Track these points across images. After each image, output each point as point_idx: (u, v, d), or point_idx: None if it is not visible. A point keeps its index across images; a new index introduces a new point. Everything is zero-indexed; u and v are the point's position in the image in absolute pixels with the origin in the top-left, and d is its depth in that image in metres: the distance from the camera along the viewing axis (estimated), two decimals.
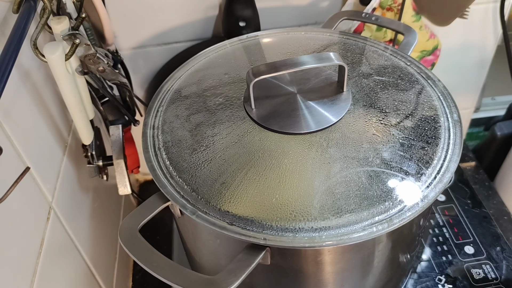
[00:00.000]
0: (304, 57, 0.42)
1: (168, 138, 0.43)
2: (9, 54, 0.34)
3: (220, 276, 0.35)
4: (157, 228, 0.74)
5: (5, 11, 0.39)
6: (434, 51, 0.71)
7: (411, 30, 0.53)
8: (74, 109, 0.46)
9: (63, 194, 0.47)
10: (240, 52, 0.53)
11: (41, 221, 0.42)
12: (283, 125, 0.42)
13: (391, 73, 0.48)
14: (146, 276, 0.69)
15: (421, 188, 0.38)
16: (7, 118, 0.38)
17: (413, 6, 0.66)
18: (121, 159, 0.48)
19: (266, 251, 0.36)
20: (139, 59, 0.68)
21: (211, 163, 0.40)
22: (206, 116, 0.44)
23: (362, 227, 0.36)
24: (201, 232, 0.43)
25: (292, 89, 0.45)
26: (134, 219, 0.38)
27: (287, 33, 0.55)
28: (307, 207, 0.37)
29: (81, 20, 0.44)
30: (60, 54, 0.41)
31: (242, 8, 0.64)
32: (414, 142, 0.41)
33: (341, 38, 0.53)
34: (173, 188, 0.39)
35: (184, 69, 0.51)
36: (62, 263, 0.46)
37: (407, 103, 0.44)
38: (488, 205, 0.74)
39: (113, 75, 0.47)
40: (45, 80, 0.47)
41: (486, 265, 0.65)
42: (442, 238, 0.68)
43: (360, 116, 0.43)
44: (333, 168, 0.39)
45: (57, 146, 0.48)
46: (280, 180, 0.38)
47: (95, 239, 0.55)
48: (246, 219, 0.36)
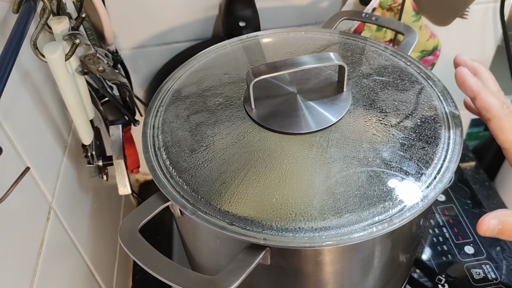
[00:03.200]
0: (304, 57, 0.42)
1: (168, 138, 0.43)
2: (9, 54, 0.34)
3: (220, 276, 0.35)
4: (157, 228, 0.74)
5: (5, 11, 0.39)
6: (434, 51, 0.71)
7: (411, 30, 0.53)
8: (74, 109, 0.46)
9: (63, 194, 0.47)
10: (240, 52, 0.53)
11: (41, 221, 0.42)
12: (283, 125, 0.42)
13: (391, 73, 0.48)
14: (146, 276, 0.69)
15: (421, 188, 0.38)
16: (7, 118, 0.38)
17: (413, 6, 0.66)
18: (121, 159, 0.48)
19: (266, 251, 0.36)
20: (139, 59, 0.68)
21: (211, 163, 0.40)
22: (206, 116, 0.44)
23: (362, 227, 0.36)
24: (201, 232, 0.43)
25: (292, 89, 0.45)
26: (134, 219, 0.38)
27: (287, 33, 0.55)
28: (307, 207, 0.37)
29: (81, 20, 0.44)
30: (60, 54, 0.41)
31: (242, 8, 0.64)
32: (414, 142, 0.41)
33: (341, 38, 0.53)
34: (173, 188, 0.39)
35: (184, 69, 0.51)
36: (62, 263, 0.46)
37: (407, 103, 0.44)
38: (488, 205, 0.74)
39: (113, 75, 0.47)
40: (45, 80, 0.47)
41: (486, 265, 0.65)
42: (442, 238, 0.68)
43: (360, 116, 0.43)
44: (333, 168, 0.39)
45: (57, 146, 0.48)
46: (280, 180, 0.38)
47: (95, 239, 0.55)
48: (246, 219, 0.36)
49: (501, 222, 0.39)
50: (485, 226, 0.39)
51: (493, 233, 0.39)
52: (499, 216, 0.39)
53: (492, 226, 0.39)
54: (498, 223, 0.39)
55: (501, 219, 0.39)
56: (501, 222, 0.39)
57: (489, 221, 0.39)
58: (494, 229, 0.39)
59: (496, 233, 0.39)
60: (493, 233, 0.39)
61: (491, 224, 0.39)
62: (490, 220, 0.39)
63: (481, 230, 0.40)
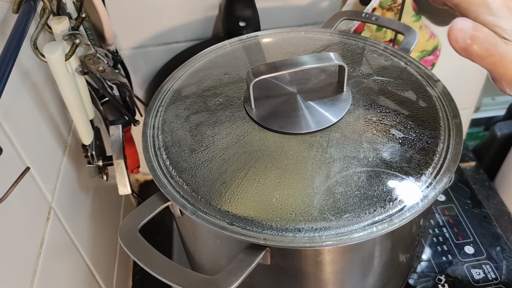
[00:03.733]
0: (304, 57, 0.42)
1: (168, 138, 0.43)
2: (9, 54, 0.34)
3: (220, 276, 0.35)
4: (157, 228, 0.74)
5: (5, 11, 0.39)
6: (434, 51, 0.71)
7: (411, 30, 0.53)
8: (74, 109, 0.46)
9: (63, 194, 0.47)
10: (240, 52, 0.53)
11: (41, 221, 0.42)
12: (283, 125, 0.42)
13: (391, 73, 0.48)
14: (146, 276, 0.69)
15: (421, 188, 0.38)
16: (7, 118, 0.38)
17: (413, 6, 0.66)
18: (121, 159, 0.48)
19: (266, 251, 0.36)
20: (139, 59, 0.68)
21: (211, 163, 0.40)
22: (206, 116, 0.44)
23: (362, 227, 0.36)
24: (201, 232, 0.43)
25: (292, 89, 0.45)
26: (134, 219, 0.38)
27: (287, 33, 0.55)
28: (307, 207, 0.37)
29: (81, 20, 0.44)
30: (60, 54, 0.41)
31: (242, 8, 0.64)
32: (414, 142, 0.41)
33: (341, 38, 0.53)
34: (173, 188, 0.39)
35: (184, 69, 0.51)
36: (62, 263, 0.46)
37: (407, 103, 0.44)
38: (488, 205, 0.74)
39: (113, 75, 0.47)
40: (45, 80, 0.47)
41: (486, 265, 0.65)
42: (442, 238, 0.68)
43: (360, 116, 0.43)
44: (333, 168, 0.39)
45: (57, 146, 0.48)
46: (280, 180, 0.38)
47: (95, 239, 0.55)
48: (246, 219, 0.36)
49: (474, 27, 0.34)
50: (458, 24, 0.34)
51: (465, 36, 0.34)
52: (471, 21, 0.35)
53: (466, 27, 0.34)
54: (471, 26, 0.34)
55: (474, 24, 0.34)
56: (474, 27, 0.34)
57: (463, 22, 0.34)
58: (467, 30, 0.34)
59: (468, 37, 0.34)
60: (465, 36, 0.34)
61: (465, 25, 0.34)
62: (463, 21, 0.34)
63: (453, 30, 0.34)
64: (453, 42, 0.35)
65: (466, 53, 0.35)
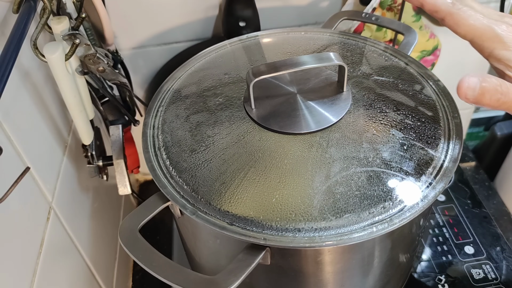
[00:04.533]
0: (304, 57, 0.42)
1: (168, 138, 0.43)
2: (9, 54, 0.34)
3: (220, 276, 0.35)
4: (157, 228, 0.74)
5: (5, 11, 0.39)
6: (434, 51, 0.71)
7: (411, 30, 0.53)
8: (74, 109, 0.46)
9: (63, 194, 0.47)
10: (240, 52, 0.53)
11: (41, 221, 0.42)
12: (283, 125, 0.42)
13: (391, 73, 0.48)
14: (146, 276, 0.69)
15: (421, 188, 0.38)
16: (7, 118, 0.38)
17: (413, 6, 0.66)
18: (121, 159, 0.48)
19: (266, 251, 0.36)
20: (139, 59, 0.68)
21: (211, 163, 0.40)
22: (206, 116, 0.44)
23: (362, 227, 0.36)
24: (201, 232, 0.43)
25: (292, 89, 0.45)
26: (134, 219, 0.38)
27: (287, 33, 0.55)
28: (307, 207, 0.37)
29: (81, 20, 0.44)
30: (60, 54, 0.41)
31: (242, 8, 0.64)
32: (414, 142, 0.41)
33: (341, 38, 0.53)
34: (173, 188, 0.39)
35: (184, 69, 0.51)
36: (62, 263, 0.46)
37: (407, 103, 0.44)
38: (488, 205, 0.74)
39: (113, 75, 0.47)
40: (45, 80, 0.47)
41: (486, 265, 0.65)
42: (442, 238, 0.68)
43: (360, 116, 0.43)
44: (333, 168, 0.39)
45: (57, 146, 0.48)
46: (280, 180, 0.38)
47: (95, 239, 0.55)
48: (246, 219, 0.36)
49: (481, 81, 0.35)
50: (465, 83, 0.35)
51: (474, 93, 0.35)
52: (478, 75, 0.36)
53: (473, 84, 0.35)
54: (478, 81, 0.35)
55: (481, 78, 0.35)
56: (481, 81, 0.35)
57: (469, 79, 0.35)
58: (475, 87, 0.35)
59: (477, 94, 0.35)
60: (474, 93, 0.35)
61: (472, 82, 0.35)
62: (469, 78, 0.35)
63: (462, 89, 0.35)
64: (463, 99, 0.36)
65: (479, 105, 0.36)
